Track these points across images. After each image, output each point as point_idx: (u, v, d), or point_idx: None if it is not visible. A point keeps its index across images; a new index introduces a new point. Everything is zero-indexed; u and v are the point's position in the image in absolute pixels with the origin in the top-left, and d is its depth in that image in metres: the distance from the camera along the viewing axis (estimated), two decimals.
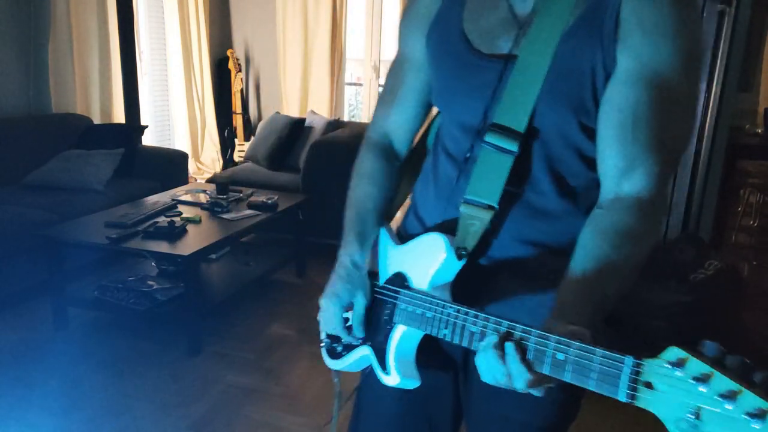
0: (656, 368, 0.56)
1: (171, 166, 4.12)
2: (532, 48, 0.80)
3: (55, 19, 3.94)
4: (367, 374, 1.00)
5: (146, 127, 4.37)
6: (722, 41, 2.83)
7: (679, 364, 0.55)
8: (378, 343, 0.91)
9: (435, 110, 1.01)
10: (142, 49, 4.99)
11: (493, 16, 0.86)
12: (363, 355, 0.95)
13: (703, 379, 0.53)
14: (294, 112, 5.41)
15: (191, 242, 2.68)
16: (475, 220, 0.84)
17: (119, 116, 4.55)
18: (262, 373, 2.50)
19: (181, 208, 3.16)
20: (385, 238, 0.98)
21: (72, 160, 3.63)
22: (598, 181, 0.82)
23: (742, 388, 0.50)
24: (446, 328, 0.78)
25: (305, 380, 2.46)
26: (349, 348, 0.98)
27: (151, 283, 2.83)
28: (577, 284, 0.72)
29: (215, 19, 5.60)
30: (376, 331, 0.92)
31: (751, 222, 4.22)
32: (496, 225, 0.86)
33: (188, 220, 2.92)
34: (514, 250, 0.86)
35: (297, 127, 4.43)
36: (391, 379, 0.88)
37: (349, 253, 0.94)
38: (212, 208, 3.14)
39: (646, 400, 0.57)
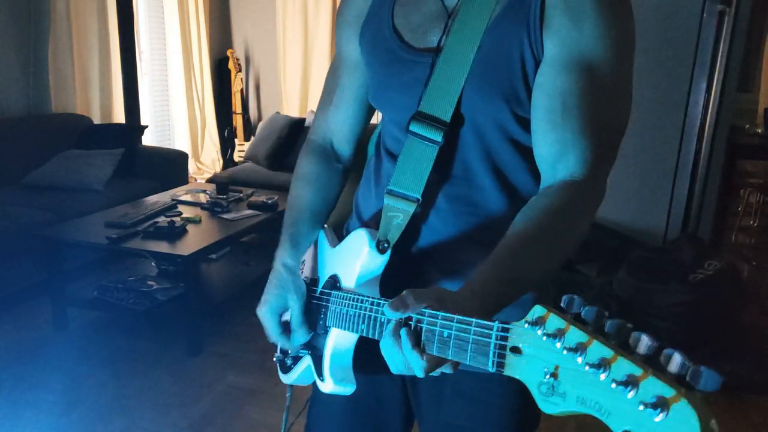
0: (520, 330, 0.53)
1: (171, 166, 4.12)
2: (458, 38, 0.79)
3: (55, 19, 3.94)
4: (315, 388, 0.95)
5: (146, 127, 4.37)
6: (722, 41, 2.83)
7: (539, 322, 0.51)
8: (316, 350, 0.89)
9: (376, 118, 1.00)
10: (142, 49, 4.99)
11: (423, 9, 0.84)
12: (308, 365, 0.92)
13: (557, 335, 0.49)
14: (294, 112, 5.41)
15: (191, 242, 2.68)
16: (398, 212, 0.82)
17: (119, 116, 4.55)
18: (262, 373, 2.50)
19: (181, 208, 3.16)
20: (322, 241, 0.96)
21: (72, 160, 3.63)
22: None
23: (592, 339, 0.46)
24: (363, 323, 0.77)
25: (301, 387, 2.46)
26: (296, 359, 0.96)
27: (151, 283, 2.83)
28: (489, 262, 0.70)
29: (215, 19, 5.60)
30: (314, 338, 0.90)
31: (751, 222, 4.22)
32: (423, 217, 0.83)
33: (188, 220, 2.92)
34: (450, 244, 0.83)
35: (297, 127, 4.43)
36: (326, 385, 0.85)
37: (280, 257, 0.93)
38: (212, 208, 3.14)
39: (511, 367, 0.53)
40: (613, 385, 0.44)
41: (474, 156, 0.81)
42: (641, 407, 0.42)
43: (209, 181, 4.17)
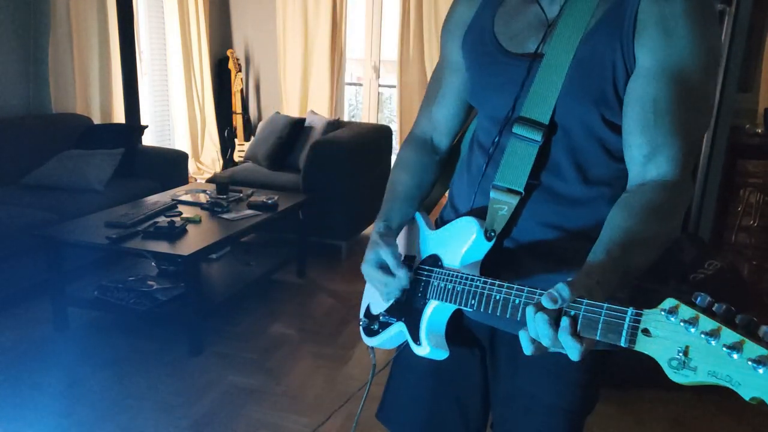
0: (653, 316, 0.65)
1: (171, 166, 4.12)
2: (556, 47, 0.88)
3: (55, 19, 3.94)
4: (402, 350, 1.09)
5: (146, 127, 4.36)
6: (722, 41, 2.83)
7: (672, 311, 0.63)
8: (412, 318, 0.99)
9: (471, 117, 1.11)
10: (142, 49, 4.99)
11: (522, 20, 0.94)
12: (397, 331, 1.03)
13: (690, 322, 0.61)
14: (294, 112, 5.41)
15: (191, 242, 2.68)
16: (503, 205, 0.92)
17: (119, 116, 4.55)
18: (263, 373, 2.50)
19: (181, 208, 3.16)
20: (421, 224, 1.07)
21: (72, 160, 3.63)
22: (622, 172, 0.89)
23: (723, 326, 0.59)
24: (473, 298, 0.87)
25: (306, 380, 2.46)
26: (384, 325, 1.06)
27: (151, 283, 2.83)
28: (604, 255, 0.77)
29: (215, 19, 5.60)
30: (410, 307, 1.00)
31: (751, 222, 4.22)
32: (521, 209, 0.93)
33: (188, 220, 2.92)
34: (538, 233, 0.93)
35: (297, 127, 4.43)
36: (422, 349, 0.97)
37: (375, 229, 1.03)
38: (212, 208, 3.14)
39: (643, 344, 0.65)
40: (748, 362, 0.56)
41: (561, 152, 0.91)
42: None
43: (209, 181, 4.17)
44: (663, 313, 0.64)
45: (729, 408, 2.31)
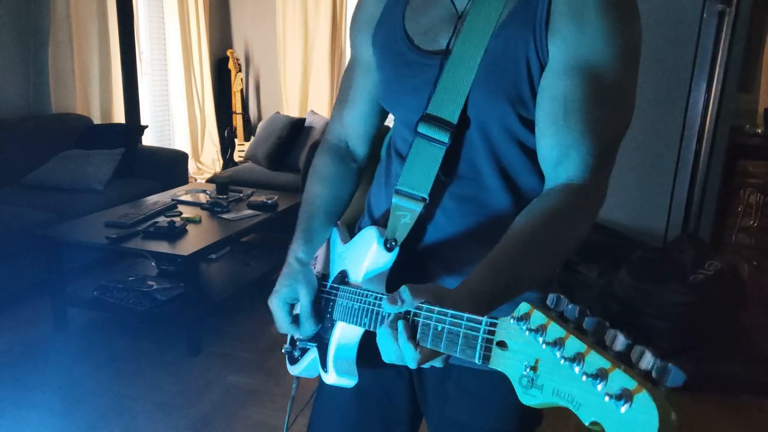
0: (506, 325, 0.55)
1: (171, 166, 4.12)
2: (466, 41, 0.80)
3: (55, 19, 3.94)
4: (321, 380, 0.98)
5: (146, 127, 4.37)
6: (722, 41, 2.83)
7: (524, 318, 0.53)
8: (322, 343, 0.92)
9: (390, 120, 1.02)
10: (142, 49, 4.99)
11: (433, 13, 0.86)
12: (314, 357, 0.95)
13: (539, 330, 0.51)
14: (294, 112, 5.41)
15: (191, 242, 2.68)
16: (406, 212, 0.84)
17: (119, 116, 4.55)
18: (262, 373, 2.50)
19: (181, 208, 3.16)
20: (335, 238, 0.98)
21: (72, 160, 3.63)
22: None
23: (569, 334, 0.49)
24: (366, 316, 0.79)
25: (306, 380, 2.46)
26: (303, 351, 0.98)
27: (151, 283, 2.83)
28: (486, 263, 0.71)
29: (215, 19, 5.60)
30: (321, 330, 0.92)
31: (751, 222, 4.22)
32: (430, 217, 0.85)
33: (188, 220, 2.92)
34: (456, 244, 0.85)
35: (297, 127, 4.43)
36: (329, 377, 0.89)
37: (294, 252, 0.95)
38: (212, 208, 3.14)
39: (496, 360, 0.56)
40: (584, 378, 0.46)
41: (480, 157, 0.83)
42: (607, 398, 0.44)
43: (209, 181, 4.17)
44: (514, 320, 0.54)
45: (729, 407, 2.31)
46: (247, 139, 5.50)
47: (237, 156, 5.45)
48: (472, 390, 0.88)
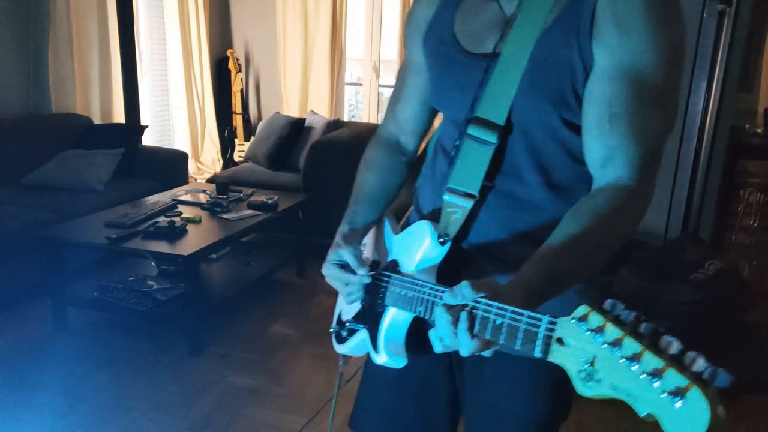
0: (566, 324, 0.61)
1: (171, 166, 4.12)
2: (513, 45, 0.85)
3: (55, 19, 3.93)
4: (367, 361, 1.06)
5: (146, 127, 4.36)
6: (722, 41, 2.83)
7: (582, 318, 0.60)
8: (372, 325, 0.97)
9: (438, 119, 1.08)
10: (142, 49, 4.99)
11: (481, 18, 0.91)
12: (362, 338, 1.01)
13: (597, 331, 0.58)
14: (294, 112, 5.41)
15: (191, 242, 2.68)
16: (457, 208, 0.89)
17: (119, 116, 4.55)
18: (263, 373, 2.49)
19: (181, 208, 3.16)
20: (386, 228, 1.05)
21: (72, 160, 3.63)
22: (587, 175, 0.85)
23: (626, 336, 0.56)
24: (420, 305, 0.85)
25: (307, 380, 2.46)
26: (352, 332, 1.04)
27: (151, 283, 2.82)
28: (535, 259, 0.76)
29: (215, 19, 5.60)
30: (372, 314, 0.98)
31: (751, 222, 4.22)
32: (478, 212, 0.90)
33: (188, 220, 2.92)
34: (497, 237, 0.90)
35: (297, 127, 4.43)
36: (380, 357, 0.95)
37: (339, 231, 1.02)
38: (212, 208, 3.14)
39: (555, 354, 0.62)
40: (642, 376, 0.53)
41: (522, 155, 0.88)
42: (663, 395, 0.51)
43: (209, 181, 4.16)
44: (574, 321, 0.61)
45: (731, 406, 2.30)
46: (247, 139, 5.50)
47: (237, 156, 5.45)
48: (508, 375, 0.93)
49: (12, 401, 2.21)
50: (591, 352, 0.58)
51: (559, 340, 0.62)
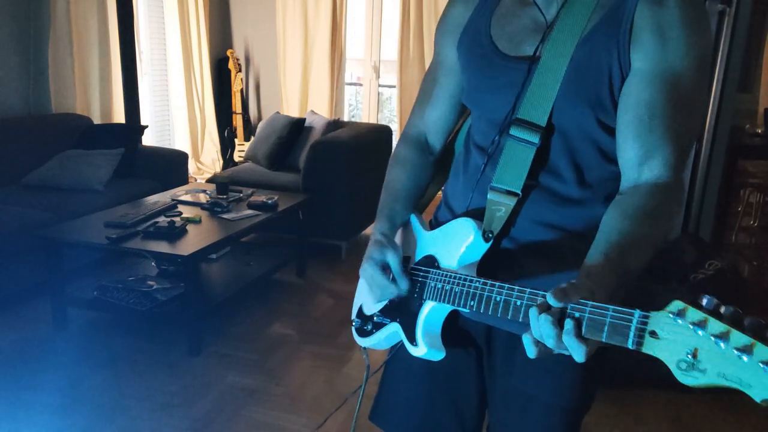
0: (660, 318, 0.65)
1: (171, 166, 4.12)
2: (553, 50, 0.89)
3: (55, 19, 3.94)
4: (396, 351, 1.08)
5: (146, 127, 4.36)
6: (722, 41, 2.83)
7: (680, 313, 0.63)
8: (408, 319, 0.99)
9: (463, 118, 1.11)
10: (142, 49, 4.99)
11: (519, 22, 0.95)
12: (392, 332, 1.02)
13: (699, 324, 0.62)
14: (294, 112, 5.41)
15: (191, 242, 2.68)
16: (500, 206, 0.93)
17: (119, 116, 4.55)
18: (262, 373, 2.50)
19: (181, 208, 3.16)
20: (416, 225, 1.07)
21: (72, 160, 3.63)
22: (615, 173, 0.91)
23: (732, 329, 0.59)
24: (472, 300, 0.87)
25: (306, 380, 2.46)
26: (378, 326, 1.06)
27: (151, 283, 2.82)
28: (603, 257, 0.79)
29: (215, 19, 5.60)
30: (406, 308, 1.00)
31: (751, 222, 4.22)
32: (518, 210, 0.94)
33: (188, 220, 2.92)
34: (535, 233, 0.94)
35: (297, 127, 4.43)
36: (419, 350, 0.97)
37: (379, 229, 1.03)
38: (212, 208, 3.14)
39: (650, 346, 0.66)
40: (760, 365, 0.57)
41: (560, 154, 0.92)
42: None
43: (209, 181, 4.16)
44: (671, 315, 0.64)
45: (729, 407, 2.31)
46: (247, 139, 5.50)
47: (237, 156, 5.45)
48: (538, 361, 0.94)
49: (12, 401, 2.21)
50: (692, 344, 0.62)
51: (652, 333, 0.65)
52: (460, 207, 1.02)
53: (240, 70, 5.57)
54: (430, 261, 0.99)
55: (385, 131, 4.38)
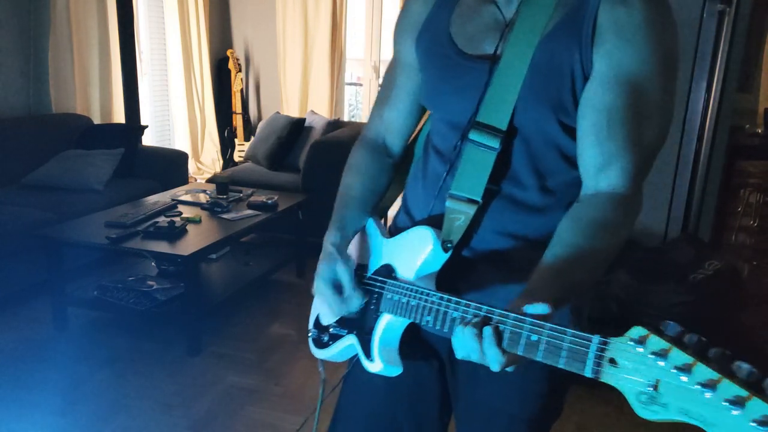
0: (620, 345, 0.61)
1: (171, 166, 4.12)
2: (513, 49, 0.85)
3: (55, 19, 3.94)
4: (354, 364, 1.02)
5: (146, 127, 4.37)
6: (722, 41, 2.82)
7: (641, 341, 0.59)
8: (364, 332, 0.94)
9: (423, 118, 1.06)
10: (142, 49, 4.99)
11: (479, 21, 0.91)
12: (348, 344, 0.97)
13: (661, 354, 0.57)
14: (294, 112, 5.41)
15: (191, 242, 2.68)
16: (460, 215, 0.88)
17: (119, 116, 4.55)
18: (262, 373, 2.50)
19: (181, 208, 3.16)
20: (373, 231, 1.02)
21: (72, 160, 3.63)
22: (579, 179, 0.86)
23: (697, 362, 0.55)
24: (429, 314, 0.82)
25: (305, 380, 2.46)
26: (335, 337, 1.01)
27: (151, 283, 2.83)
28: (546, 269, 0.76)
29: (215, 19, 5.60)
30: (362, 320, 0.95)
31: (751, 222, 4.21)
32: (479, 218, 0.90)
33: (188, 220, 2.92)
34: (496, 242, 0.90)
35: (297, 127, 4.43)
36: (375, 365, 0.91)
37: (329, 238, 0.98)
38: (212, 208, 3.14)
39: (609, 375, 0.61)
40: (723, 403, 0.52)
41: (521, 160, 0.88)
42: (753, 424, 0.50)
43: (209, 181, 4.17)
44: (631, 342, 0.60)
45: None
46: (247, 139, 5.50)
47: (237, 156, 5.45)
48: (502, 375, 0.92)
49: (12, 401, 2.22)
50: (653, 375, 0.57)
51: (612, 361, 0.61)
52: (420, 214, 0.98)
53: (240, 70, 5.57)
54: (388, 271, 0.93)
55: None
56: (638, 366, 0.59)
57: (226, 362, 2.56)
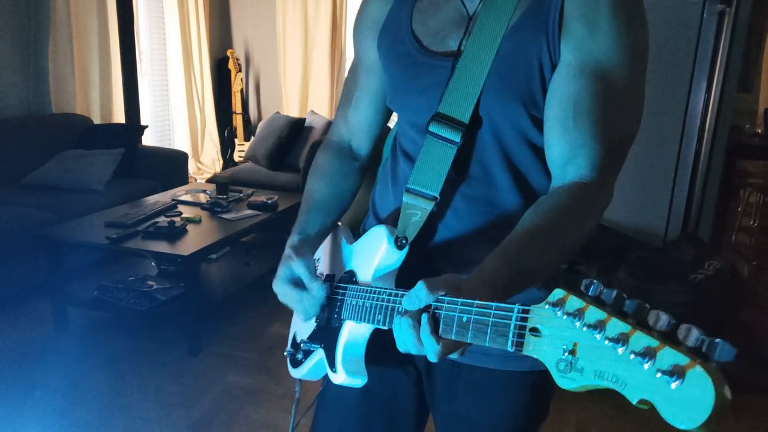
0: (540, 311, 0.55)
1: (171, 166, 4.12)
2: (478, 42, 0.81)
3: (55, 19, 3.94)
4: (327, 380, 0.96)
5: (146, 127, 4.37)
6: (722, 41, 2.83)
7: (558, 303, 0.53)
8: (330, 343, 0.90)
9: (392, 120, 1.02)
10: (142, 49, 4.99)
11: (442, 15, 0.87)
12: (319, 359, 0.94)
13: (576, 315, 0.51)
14: (294, 112, 5.41)
15: (191, 242, 2.68)
16: (416, 210, 0.85)
17: (119, 116, 4.55)
18: (262, 373, 2.50)
19: (181, 208, 3.16)
20: (341, 240, 0.98)
21: (72, 160, 3.63)
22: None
23: (611, 317, 0.49)
24: (380, 313, 0.78)
25: (305, 381, 2.46)
26: (307, 353, 0.97)
27: (151, 283, 2.83)
28: (498, 253, 0.72)
29: (215, 19, 5.60)
30: (329, 331, 0.91)
31: (751, 222, 4.21)
32: (445, 216, 0.86)
33: (188, 220, 2.92)
34: (466, 243, 0.86)
35: (297, 127, 4.43)
36: (338, 377, 0.87)
37: (288, 243, 0.95)
38: (212, 208, 3.14)
39: (530, 347, 0.55)
40: (632, 357, 0.46)
41: (492, 157, 0.84)
42: (658, 375, 0.44)
43: (209, 181, 4.17)
44: (548, 306, 0.54)
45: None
46: (247, 139, 5.50)
47: (237, 156, 5.45)
48: (482, 386, 0.89)
49: (12, 401, 2.22)
50: (570, 338, 0.51)
51: (534, 330, 0.55)
52: (386, 215, 0.94)
53: (240, 70, 5.57)
54: (350, 276, 0.89)
55: (385, 131, 4.38)
56: (557, 330, 0.53)
57: (226, 362, 2.56)
